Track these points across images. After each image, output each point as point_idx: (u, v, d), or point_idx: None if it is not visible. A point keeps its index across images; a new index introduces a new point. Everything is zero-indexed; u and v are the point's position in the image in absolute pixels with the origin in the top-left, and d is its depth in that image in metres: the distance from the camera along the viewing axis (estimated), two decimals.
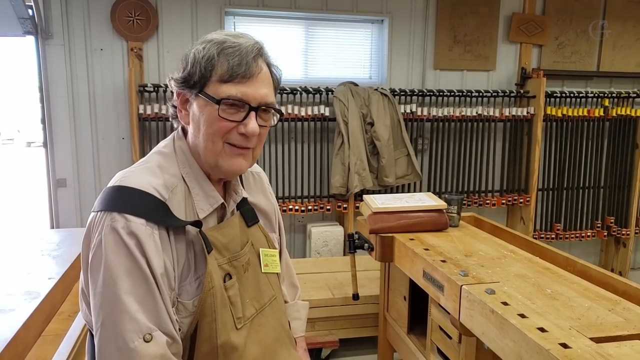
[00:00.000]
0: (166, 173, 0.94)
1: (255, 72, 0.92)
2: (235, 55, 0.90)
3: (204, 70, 0.91)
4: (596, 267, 1.80)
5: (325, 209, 3.58)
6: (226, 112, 0.91)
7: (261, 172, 1.21)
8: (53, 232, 2.73)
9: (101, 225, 0.85)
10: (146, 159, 0.98)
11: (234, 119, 0.91)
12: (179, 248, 0.91)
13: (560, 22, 3.96)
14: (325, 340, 2.75)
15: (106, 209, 0.86)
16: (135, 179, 0.90)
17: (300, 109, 3.44)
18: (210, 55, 0.91)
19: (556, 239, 4.03)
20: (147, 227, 0.85)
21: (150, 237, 0.85)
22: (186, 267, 0.92)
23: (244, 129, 0.92)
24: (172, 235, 0.90)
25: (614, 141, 4.07)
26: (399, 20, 3.74)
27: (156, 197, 0.89)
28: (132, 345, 0.81)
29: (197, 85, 0.92)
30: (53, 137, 3.33)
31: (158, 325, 0.84)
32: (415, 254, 1.89)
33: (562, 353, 1.12)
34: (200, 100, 0.92)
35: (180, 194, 0.94)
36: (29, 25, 3.10)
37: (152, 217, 0.87)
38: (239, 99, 0.91)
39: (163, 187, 0.91)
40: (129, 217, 0.84)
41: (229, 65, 0.90)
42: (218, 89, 0.91)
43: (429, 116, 3.66)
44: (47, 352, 1.49)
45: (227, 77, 0.90)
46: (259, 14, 3.57)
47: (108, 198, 0.88)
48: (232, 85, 0.90)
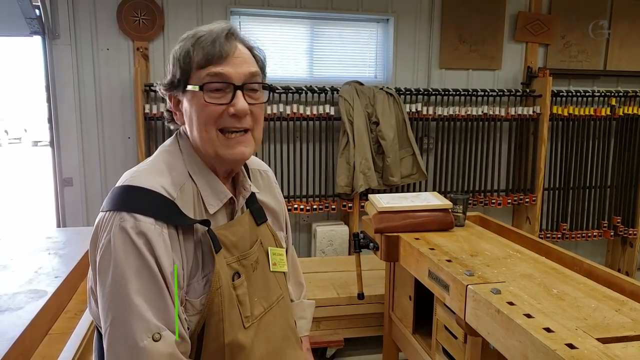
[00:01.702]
0: (173, 171, 0.94)
1: (230, 51, 0.92)
2: (208, 41, 0.91)
3: (183, 66, 0.92)
4: (603, 267, 1.79)
5: (330, 208, 3.58)
6: (211, 96, 0.91)
7: (269, 171, 1.21)
8: (59, 230, 2.75)
9: (110, 224, 0.85)
10: (153, 158, 0.98)
11: (221, 102, 0.92)
12: (187, 246, 0.92)
13: (567, 21, 3.93)
14: (330, 340, 2.75)
15: (115, 209, 0.86)
16: (143, 179, 0.90)
17: (305, 109, 3.44)
18: (186, 50, 0.92)
19: (562, 238, 4.01)
20: (157, 226, 0.86)
21: (159, 236, 0.86)
22: (194, 265, 0.93)
23: (234, 109, 0.92)
24: (181, 233, 0.90)
25: (621, 140, 4.04)
26: (405, 19, 3.73)
27: (165, 196, 0.89)
28: (142, 344, 0.81)
29: (182, 82, 0.93)
30: (60, 137, 3.35)
31: (167, 324, 0.85)
32: (420, 253, 1.88)
33: (568, 354, 1.12)
34: (188, 94, 0.94)
35: (188, 191, 0.94)
36: (36, 25, 3.12)
37: (161, 216, 0.87)
38: (219, 77, 0.91)
39: (171, 186, 0.91)
40: (138, 216, 0.85)
41: (204, 51, 0.91)
42: (199, 76, 0.92)
43: (435, 115, 3.65)
44: (53, 351, 1.50)
45: (204, 61, 0.91)
46: (264, 14, 3.58)
47: (116, 198, 0.88)
48: (211, 67, 0.91)
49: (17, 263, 2.01)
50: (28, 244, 2.27)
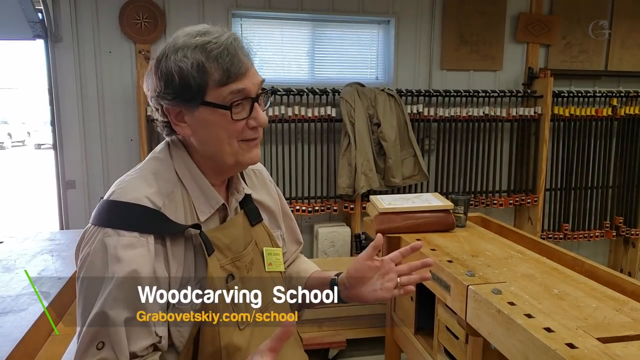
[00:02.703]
0: (160, 180, 0.94)
1: (248, 65, 0.92)
2: (224, 55, 0.88)
3: (199, 80, 0.88)
4: (604, 267, 1.79)
5: (332, 210, 3.58)
6: (237, 113, 0.91)
7: (262, 169, 1.21)
8: (62, 233, 2.76)
9: (93, 237, 0.87)
10: (141, 166, 0.98)
11: (243, 116, 0.92)
12: (176, 254, 0.92)
13: (568, 22, 3.93)
14: (332, 341, 2.75)
15: (100, 225, 0.88)
16: (128, 192, 0.90)
17: (306, 110, 3.44)
18: (199, 63, 0.88)
19: (564, 239, 4.00)
20: (141, 239, 0.87)
21: (143, 248, 0.87)
22: (187, 272, 0.93)
23: (255, 122, 0.93)
24: (168, 241, 0.91)
25: (623, 141, 4.04)
26: (406, 20, 3.73)
27: (149, 207, 0.90)
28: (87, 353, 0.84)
29: (197, 97, 0.90)
30: (62, 139, 3.36)
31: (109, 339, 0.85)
32: (422, 254, 1.89)
33: (568, 353, 1.12)
34: (205, 110, 0.90)
35: (178, 198, 0.95)
36: (39, 28, 3.14)
37: (146, 228, 0.88)
38: (241, 95, 0.91)
39: (157, 195, 0.92)
40: (122, 232, 0.86)
41: (223, 68, 0.88)
42: (221, 94, 0.89)
43: (436, 116, 3.65)
44: (56, 352, 1.51)
45: (226, 79, 0.89)
46: (265, 16, 3.58)
47: (102, 213, 0.90)
48: (232, 85, 0.89)
49: (20, 265, 2.02)
50: (31, 246, 2.28)
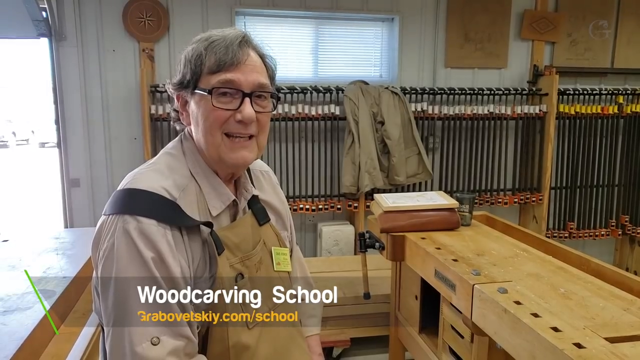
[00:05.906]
0: (175, 174, 0.95)
1: (242, 59, 0.93)
2: (221, 46, 0.92)
3: (194, 68, 0.93)
4: (610, 266, 1.78)
5: (335, 208, 3.58)
6: (220, 101, 0.92)
7: (270, 171, 1.22)
8: (67, 231, 2.77)
9: (113, 228, 0.86)
10: (155, 161, 0.99)
11: (228, 107, 0.93)
12: (193, 246, 0.92)
13: (573, 19, 3.91)
14: (336, 340, 2.75)
15: (117, 212, 0.87)
16: (144, 181, 0.90)
17: (310, 109, 3.44)
18: (198, 53, 0.93)
19: (570, 237, 3.98)
20: (159, 228, 0.86)
21: (163, 237, 0.86)
22: (201, 265, 0.94)
23: (240, 116, 0.93)
24: (185, 234, 0.91)
25: (629, 138, 4.01)
26: (410, 18, 3.72)
27: (166, 197, 0.90)
28: (139, 349, 0.83)
29: (191, 84, 0.94)
30: (67, 138, 3.37)
31: (170, 327, 0.85)
32: (426, 253, 1.88)
33: (576, 353, 1.11)
34: (196, 97, 0.94)
35: (191, 193, 0.95)
36: (43, 27, 3.15)
37: (163, 218, 0.87)
38: (229, 84, 0.92)
39: (173, 187, 0.92)
40: (141, 218, 0.85)
41: (216, 56, 0.92)
42: (209, 81, 0.92)
43: (440, 114, 3.64)
44: (62, 350, 1.51)
45: (216, 67, 0.92)
46: (269, 14, 3.58)
47: (118, 201, 0.89)
48: (222, 73, 0.92)
49: (25, 263, 2.03)
50: (36, 245, 2.29)
